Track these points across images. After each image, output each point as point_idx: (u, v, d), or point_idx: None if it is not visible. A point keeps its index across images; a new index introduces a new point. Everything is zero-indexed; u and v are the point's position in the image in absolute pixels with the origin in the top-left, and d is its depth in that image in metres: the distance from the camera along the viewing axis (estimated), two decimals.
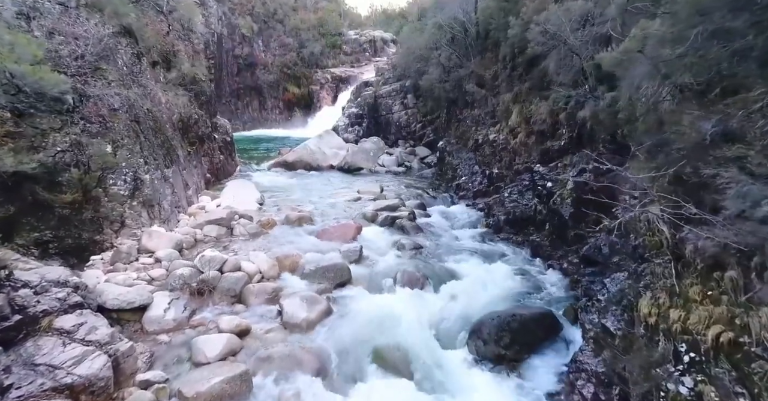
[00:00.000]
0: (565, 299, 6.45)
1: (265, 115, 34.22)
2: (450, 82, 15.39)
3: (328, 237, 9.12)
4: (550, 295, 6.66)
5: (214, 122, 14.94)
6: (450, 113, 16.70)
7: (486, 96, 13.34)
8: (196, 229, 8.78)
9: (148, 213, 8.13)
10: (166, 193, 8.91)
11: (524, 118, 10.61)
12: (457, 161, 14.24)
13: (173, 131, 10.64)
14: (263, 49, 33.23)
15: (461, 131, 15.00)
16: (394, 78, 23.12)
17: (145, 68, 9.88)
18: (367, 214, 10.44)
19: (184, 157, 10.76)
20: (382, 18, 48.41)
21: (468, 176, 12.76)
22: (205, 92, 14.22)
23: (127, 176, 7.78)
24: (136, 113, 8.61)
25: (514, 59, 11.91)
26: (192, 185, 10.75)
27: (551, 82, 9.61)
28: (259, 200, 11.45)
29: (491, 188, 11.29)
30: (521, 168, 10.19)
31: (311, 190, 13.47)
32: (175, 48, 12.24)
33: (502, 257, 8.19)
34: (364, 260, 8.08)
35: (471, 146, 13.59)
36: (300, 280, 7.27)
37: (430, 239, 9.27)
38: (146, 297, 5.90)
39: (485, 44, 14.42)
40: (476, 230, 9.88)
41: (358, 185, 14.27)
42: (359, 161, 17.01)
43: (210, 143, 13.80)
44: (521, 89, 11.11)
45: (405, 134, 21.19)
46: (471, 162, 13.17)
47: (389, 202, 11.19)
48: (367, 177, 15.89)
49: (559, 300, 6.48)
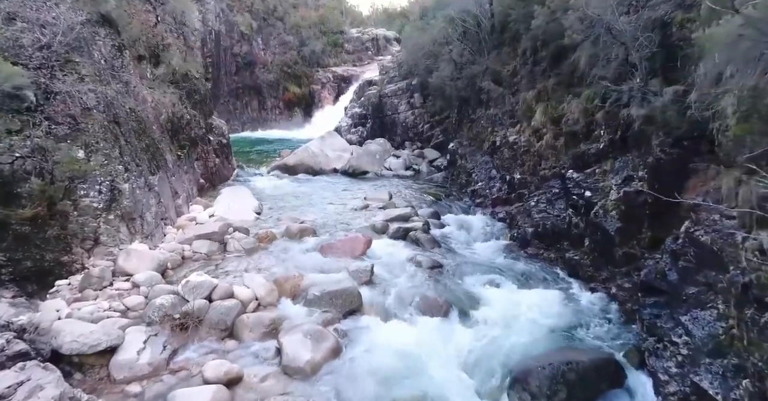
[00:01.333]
0: (621, 335, 5.37)
1: (264, 115, 33.15)
2: (462, 79, 14.32)
3: (333, 253, 8.06)
4: (601, 329, 5.59)
5: (209, 123, 13.90)
6: (461, 113, 15.62)
7: (503, 94, 12.27)
8: (184, 245, 7.72)
9: (128, 228, 7.08)
10: (150, 203, 7.85)
11: (550, 117, 9.55)
12: (471, 164, 13.17)
13: (161, 133, 9.60)
14: (263, 48, 32.17)
15: (475, 132, 13.92)
16: (399, 77, 22.05)
17: (128, 63, 8.84)
18: (377, 225, 9.38)
19: (173, 162, 9.71)
20: (383, 17, 47.69)
21: (485, 181, 11.69)
22: (199, 91, 13.19)
23: (103, 185, 6.72)
24: (115, 113, 7.56)
25: (536, 53, 10.84)
26: (182, 193, 9.69)
27: (583, 78, 8.56)
28: (257, 208, 10.39)
29: (513, 196, 10.22)
30: (548, 174, 9.12)
31: (314, 197, 12.41)
32: (164, 41, 11.19)
33: (535, 278, 7.12)
34: (375, 281, 7.01)
35: (487, 149, 12.52)
36: (303, 307, 6.20)
37: (449, 255, 8.21)
38: (115, 336, 4.83)
39: (501, 38, 13.35)
40: (499, 244, 8.81)
41: (365, 191, 13.21)
42: (364, 164, 15.95)
43: (204, 145, 12.76)
44: (546, 86, 10.04)
45: (412, 135, 20.12)
46: (487, 166, 12.10)
47: (400, 211, 10.12)
48: (373, 182, 14.83)
49: (614, 336, 5.41)
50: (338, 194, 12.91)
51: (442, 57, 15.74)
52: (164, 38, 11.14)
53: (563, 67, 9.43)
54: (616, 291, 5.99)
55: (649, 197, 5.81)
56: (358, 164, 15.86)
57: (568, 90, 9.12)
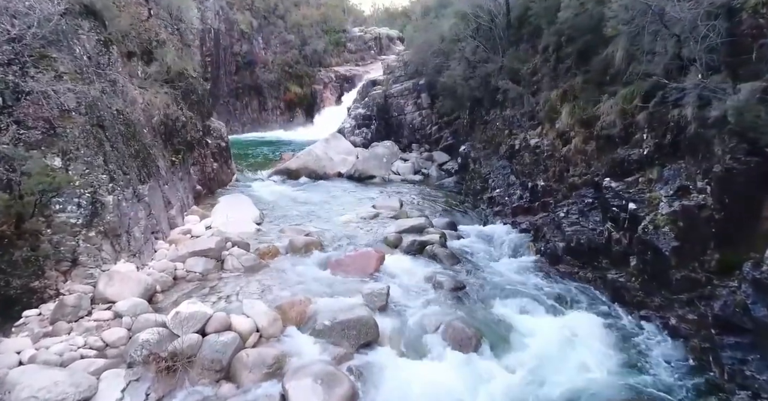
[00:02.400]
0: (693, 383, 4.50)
1: (265, 116, 32.34)
2: (475, 78, 13.49)
3: (343, 270, 7.25)
4: (664, 372, 4.73)
5: (207, 125, 13.08)
6: (474, 114, 14.80)
7: (522, 94, 11.44)
8: (176, 263, 6.90)
9: (112, 245, 6.25)
10: (139, 217, 7.02)
11: (579, 119, 8.71)
12: (486, 169, 12.34)
13: (153, 137, 8.77)
14: (263, 47, 31.36)
15: (489, 135, 13.09)
16: (405, 76, 21.25)
17: (116, 59, 8.02)
18: (389, 238, 8.55)
19: (166, 168, 8.89)
20: (384, 16, 47.07)
21: (503, 188, 10.86)
22: (196, 91, 12.36)
23: (82, 198, 5.90)
24: (99, 115, 6.74)
25: (560, 49, 10.01)
26: (176, 203, 8.86)
27: (619, 75, 7.74)
28: (258, 218, 9.56)
29: (536, 205, 9.39)
30: (578, 181, 8.29)
31: (318, 204, 11.59)
32: (158, 37, 10.37)
33: (572, 303, 6.28)
34: (392, 305, 6.17)
35: (504, 153, 11.68)
36: (310, 338, 5.37)
37: (471, 273, 7.37)
38: (86, 387, 4.00)
39: (519, 34, 12.53)
40: (525, 260, 7.97)
41: (373, 198, 12.39)
42: (371, 168, 15.12)
43: (201, 149, 11.94)
44: (573, 85, 9.21)
45: (419, 137, 19.32)
46: (505, 171, 11.27)
47: (414, 221, 9.29)
48: (381, 187, 14.00)
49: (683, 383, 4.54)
50: (345, 201, 12.09)
51: (454, 55, 14.92)
52: (157, 34, 10.32)
53: (593, 64, 8.59)
54: (676, 323, 5.14)
55: (716, 213, 4.98)
56: (365, 168, 15.03)
57: (599, 89, 8.29)
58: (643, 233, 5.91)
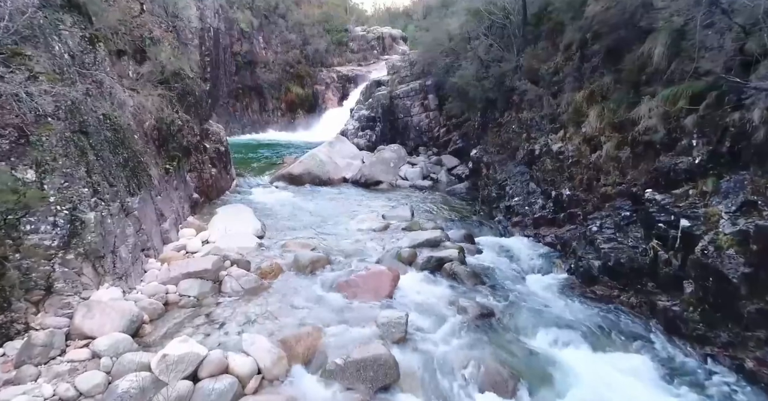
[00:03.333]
0: None
1: (266, 117, 31.61)
2: (489, 79, 12.74)
3: (354, 293, 6.50)
4: None
5: (205, 129, 12.34)
6: (486, 116, 14.04)
7: (541, 95, 10.69)
8: (168, 285, 6.15)
9: (95, 268, 5.51)
10: (127, 234, 6.27)
11: (610, 123, 7.97)
12: (501, 175, 11.58)
13: (144, 144, 8.03)
14: (264, 46, 30.63)
15: (504, 138, 12.34)
16: (411, 76, 20.48)
17: (103, 58, 7.27)
18: (403, 253, 7.79)
19: (159, 177, 8.14)
20: (385, 16, 46.50)
21: (522, 196, 10.10)
22: (194, 92, 11.62)
23: (59, 216, 5.15)
24: (82, 120, 6.00)
25: (585, 47, 9.27)
26: (170, 215, 8.11)
27: (659, 74, 7.01)
28: (259, 231, 8.81)
29: (562, 216, 8.63)
30: (612, 192, 7.53)
31: (323, 213, 10.84)
32: (151, 34, 9.62)
33: (617, 334, 5.52)
34: (412, 337, 5.42)
35: (522, 158, 10.93)
36: (321, 380, 4.63)
37: (497, 296, 6.61)
38: None
39: (536, 32, 11.79)
40: (555, 279, 7.22)
41: (381, 205, 11.65)
42: (378, 173, 14.37)
43: (198, 154, 11.19)
44: (602, 85, 8.46)
45: (426, 140, 18.57)
46: (524, 178, 10.51)
47: (428, 234, 8.53)
48: (389, 193, 13.25)
49: None
50: (351, 209, 11.34)
51: (465, 54, 14.16)
52: (151, 31, 9.57)
53: (625, 63, 7.85)
54: (754, 367, 4.40)
55: None
56: (371, 174, 14.28)
57: (634, 90, 7.55)
58: (702, 256, 5.15)
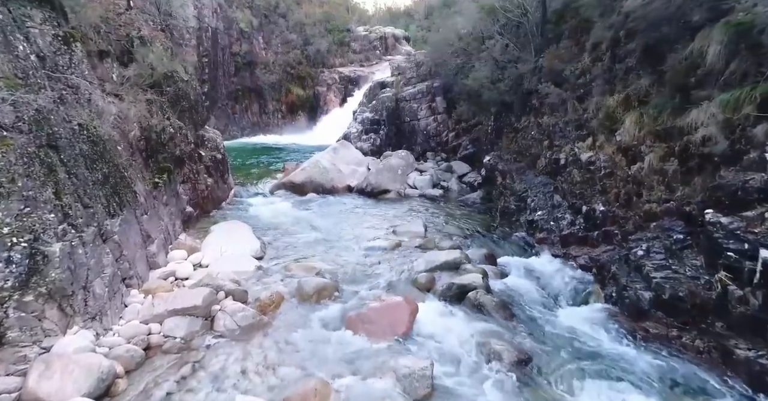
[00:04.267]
0: None
1: (265, 119, 30.72)
2: (505, 81, 11.88)
3: (367, 330, 5.63)
4: None
5: (201, 136, 11.48)
6: (500, 121, 13.17)
7: (565, 99, 9.83)
8: (151, 324, 5.28)
9: (61, 309, 4.64)
10: (104, 263, 5.40)
11: (652, 131, 7.10)
12: (520, 185, 10.71)
13: (130, 156, 7.16)
14: (264, 47, 29.75)
15: (522, 145, 11.47)
16: (418, 78, 19.63)
17: (81, 60, 6.40)
18: (420, 279, 6.93)
19: (146, 193, 7.27)
20: (386, 16, 45.77)
21: (546, 210, 9.22)
22: (188, 96, 10.77)
23: (15, 250, 4.29)
24: (52, 132, 5.15)
25: (617, 46, 8.41)
26: (158, 236, 7.24)
27: (712, 76, 6.16)
28: (258, 251, 7.93)
29: (596, 235, 7.75)
30: (658, 209, 6.65)
31: (328, 227, 9.97)
32: (139, 33, 8.76)
33: (687, 391, 4.63)
34: (440, 393, 4.55)
35: (544, 167, 10.06)
36: None
37: (532, 333, 5.74)
38: None
39: (558, 30, 10.93)
40: (594, 310, 6.33)
41: (390, 218, 10.78)
42: (385, 181, 13.49)
43: (193, 164, 10.33)
44: (638, 88, 7.61)
45: (434, 145, 17.71)
46: (546, 189, 9.64)
47: (446, 255, 7.65)
48: (397, 204, 12.37)
49: None
50: (358, 222, 10.47)
51: (478, 55, 13.29)
52: (139, 29, 8.70)
53: (669, 63, 6.99)
54: None
55: None
56: (378, 182, 13.40)
57: (681, 94, 6.69)
58: None
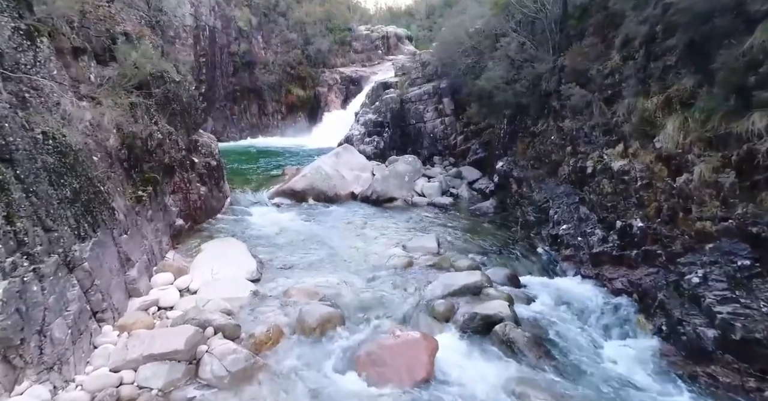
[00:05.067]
0: None
1: (265, 121, 29.85)
2: (521, 81, 11.01)
3: (379, 374, 4.80)
4: None
5: (194, 141, 10.64)
6: (515, 124, 12.32)
7: (590, 101, 8.97)
8: (123, 372, 4.43)
9: (8, 361, 3.79)
10: (67, 299, 4.55)
11: (701, 137, 6.24)
12: (540, 194, 9.87)
13: (108, 167, 6.30)
14: (263, 46, 28.89)
15: (540, 151, 10.62)
16: (423, 78, 18.77)
17: (48, 58, 5.56)
18: (438, 307, 6.07)
19: (127, 209, 6.41)
20: (387, 16, 45.12)
21: (572, 224, 8.36)
22: (179, 98, 9.92)
23: None
24: (6, 143, 4.31)
25: (652, 42, 7.56)
26: (139, 258, 6.37)
27: None
28: (254, 273, 7.07)
29: (635, 254, 6.87)
30: (713, 229, 5.79)
31: (332, 241, 9.11)
32: (123, 29, 7.91)
33: None
34: None
35: (566, 175, 9.20)
36: None
37: (573, 379, 4.88)
38: None
39: (580, 26, 10.07)
40: (642, 347, 5.47)
41: (398, 230, 9.93)
42: (391, 189, 12.64)
43: (184, 172, 9.47)
44: (682, 89, 6.75)
45: (441, 149, 16.85)
46: (571, 201, 8.79)
47: (465, 277, 6.80)
48: (405, 213, 11.51)
49: None
50: (364, 235, 9.61)
51: (491, 54, 12.42)
52: (121, 24, 7.85)
53: (720, 60, 6.13)
54: None
55: None
56: (383, 190, 12.54)
57: (737, 95, 5.83)
58: None
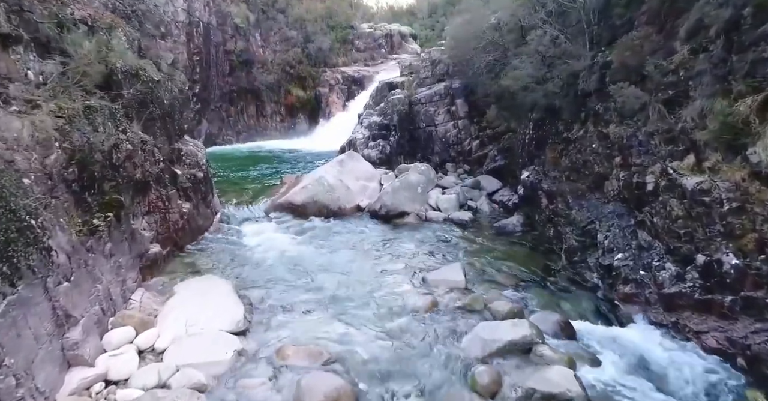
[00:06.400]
0: None
1: (263, 123, 28.41)
2: (554, 80, 9.53)
3: None
4: None
5: (177, 150, 9.18)
6: (543, 129, 10.84)
7: (645, 103, 7.50)
8: None
9: None
10: None
11: None
12: (581, 213, 8.39)
13: (47, 191, 4.83)
14: (261, 44, 27.43)
15: (577, 160, 9.14)
16: (434, 78, 17.28)
17: None
18: (479, 378, 4.60)
19: (72, 247, 4.92)
20: (388, 15, 43.96)
21: (629, 253, 6.87)
22: (159, 100, 8.50)
23: None
24: None
25: (735, 30, 6.10)
26: (87, 311, 4.88)
27: None
28: (240, 323, 5.56)
29: (730, 301, 5.37)
30: None
31: (337, 271, 7.62)
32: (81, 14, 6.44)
33: None
34: None
35: (615, 192, 7.74)
36: None
37: None
38: None
39: (627, 14, 8.59)
40: None
41: (414, 254, 8.47)
42: (402, 202, 11.16)
43: (162, 189, 7.99)
44: None
45: (455, 155, 15.36)
46: (623, 223, 7.32)
47: (510, 330, 5.31)
48: (419, 232, 10.02)
49: None
50: (375, 263, 8.12)
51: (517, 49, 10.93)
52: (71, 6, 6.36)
53: None
54: None
55: None
56: (394, 203, 11.06)
57: None
58: None
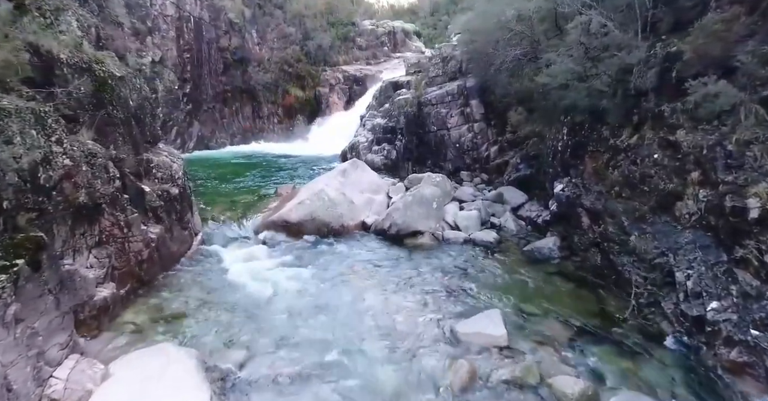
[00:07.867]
0: None
1: (259, 124, 26.80)
2: (601, 77, 7.89)
3: None
4: None
5: (144, 161, 7.53)
6: (581, 134, 9.20)
7: (735, 103, 5.88)
8: None
9: None
10: None
11: None
12: (646, 242, 6.75)
13: None
14: (258, 41, 25.83)
15: (633, 174, 7.50)
16: (445, 76, 15.67)
17: None
18: None
19: None
20: (389, 14, 42.79)
21: (730, 300, 5.23)
22: (123, 101, 6.92)
23: None
24: None
25: None
26: None
27: None
28: None
29: None
30: None
31: (339, 321, 5.98)
32: None
33: None
34: None
35: (694, 217, 6.10)
36: None
37: None
38: None
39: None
40: None
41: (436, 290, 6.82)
42: (415, 219, 9.52)
43: (119, 213, 6.35)
44: None
45: (470, 162, 13.74)
46: (713, 258, 5.68)
47: None
48: (437, 259, 8.37)
49: None
50: (387, 303, 6.46)
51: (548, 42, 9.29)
52: None
53: None
54: None
55: None
56: (406, 221, 9.42)
57: None
58: None
